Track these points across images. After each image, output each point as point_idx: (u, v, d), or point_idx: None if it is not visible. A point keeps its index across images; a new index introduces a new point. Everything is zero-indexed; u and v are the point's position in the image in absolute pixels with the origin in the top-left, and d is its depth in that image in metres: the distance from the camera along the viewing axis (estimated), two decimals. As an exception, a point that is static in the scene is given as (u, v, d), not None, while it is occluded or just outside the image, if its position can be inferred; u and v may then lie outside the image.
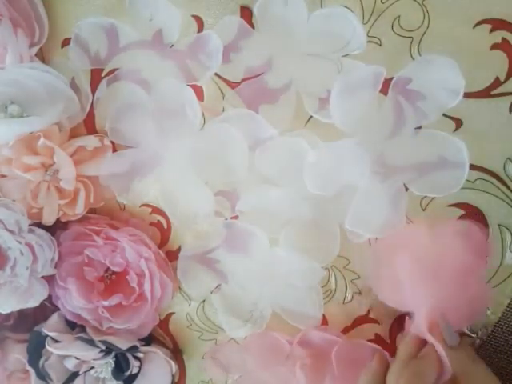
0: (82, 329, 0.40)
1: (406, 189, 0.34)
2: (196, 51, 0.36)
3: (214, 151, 0.36)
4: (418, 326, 0.32)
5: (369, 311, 0.38)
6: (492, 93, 0.32)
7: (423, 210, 0.35)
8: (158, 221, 0.40)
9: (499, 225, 0.34)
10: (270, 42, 0.35)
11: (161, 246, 0.41)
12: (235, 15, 0.35)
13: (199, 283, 0.40)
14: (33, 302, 0.38)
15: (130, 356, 0.40)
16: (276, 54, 0.35)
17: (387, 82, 0.33)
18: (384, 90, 0.33)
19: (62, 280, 0.39)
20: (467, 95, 0.32)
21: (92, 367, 0.40)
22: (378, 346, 0.37)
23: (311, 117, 0.35)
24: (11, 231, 0.36)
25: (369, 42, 0.33)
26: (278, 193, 0.36)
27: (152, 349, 0.41)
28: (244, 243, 0.38)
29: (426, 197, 0.35)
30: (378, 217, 0.34)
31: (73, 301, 0.39)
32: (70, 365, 0.40)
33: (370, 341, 0.38)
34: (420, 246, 0.33)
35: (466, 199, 0.34)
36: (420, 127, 0.33)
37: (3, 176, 0.38)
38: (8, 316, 0.42)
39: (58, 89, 0.36)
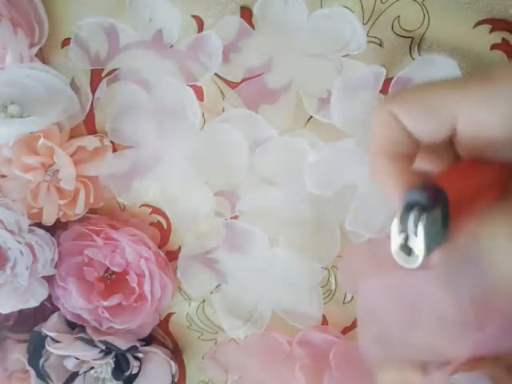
0: (82, 329, 0.40)
1: (406, 189, 0.34)
2: (196, 51, 0.36)
3: (214, 151, 0.36)
4: None
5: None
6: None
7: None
8: (158, 221, 0.40)
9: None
10: (270, 42, 0.35)
11: (161, 246, 0.41)
12: (235, 15, 0.35)
13: (199, 283, 0.40)
14: (33, 302, 0.38)
15: (129, 356, 0.40)
16: (276, 54, 0.35)
17: (387, 82, 0.33)
18: (384, 90, 0.33)
19: (62, 280, 0.39)
20: (467, 95, 0.32)
21: (92, 367, 0.40)
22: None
23: (311, 117, 0.35)
24: (11, 231, 0.36)
25: (369, 42, 0.33)
26: (278, 193, 0.36)
27: (152, 349, 0.41)
28: (244, 243, 0.38)
29: (425, 197, 0.34)
30: (378, 217, 0.34)
31: (73, 301, 0.39)
32: (70, 365, 0.40)
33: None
34: None
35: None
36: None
37: (3, 176, 0.38)
38: (8, 316, 0.42)
39: (58, 89, 0.36)
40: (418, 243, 0.21)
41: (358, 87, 0.33)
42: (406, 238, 0.21)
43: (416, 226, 0.21)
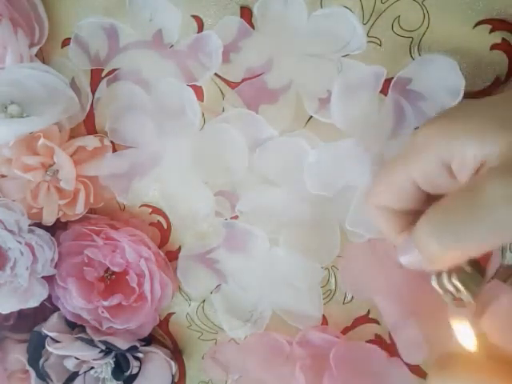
0: (82, 329, 0.40)
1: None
2: (196, 51, 0.36)
3: (214, 151, 0.36)
4: None
5: (369, 311, 0.38)
6: (492, 93, 0.32)
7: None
8: (158, 221, 0.40)
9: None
10: (270, 42, 0.35)
11: (161, 246, 0.41)
12: (235, 15, 0.35)
13: (199, 283, 0.40)
14: (33, 302, 0.38)
15: (129, 356, 0.40)
16: (276, 54, 0.35)
17: (387, 82, 0.33)
18: (384, 91, 0.33)
19: (62, 280, 0.39)
20: (467, 95, 0.32)
21: (92, 367, 0.40)
22: (375, 346, 0.37)
23: (311, 117, 0.35)
24: (11, 231, 0.36)
25: (369, 42, 0.33)
26: (277, 193, 0.36)
27: (152, 349, 0.41)
28: (244, 243, 0.38)
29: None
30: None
31: (73, 301, 0.39)
32: (70, 365, 0.40)
33: (370, 341, 0.38)
34: None
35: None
36: (420, 127, 0.33)
37: (3, 176, 0.38)
38: (8, 316, 0.42)
39: (58, 89, 0.36)
40: (463, 294, 0.25)
41: (358, 87, 0.33)
42: (452, 294, 0.26)
43: (451, 283, 0.25)
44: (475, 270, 0.26)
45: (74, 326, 0.41)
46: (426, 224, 0.24)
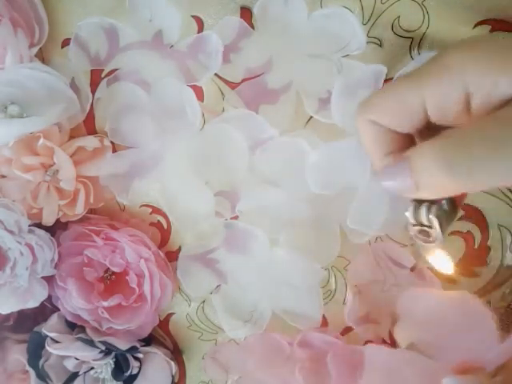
0: (82, 329, 0.40)
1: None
2: (196, 52, 0.36)
3: (214, 151, 0.36)
4: None
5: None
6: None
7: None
8: (158, 221, 0.40)
9: (499, 225, 0.34)
10: (270, 43, 0.35)
11: (161, 246, 0.41)
12: (235, 15, 0.35)
13: (199, 284, 0.40)
14: (33, 303, 0.38)
15: (129, 356, 0.40)
16: (276, 55, 0.35)
17: (387, 82, 0.33)
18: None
19: (62, 280, 0.39)
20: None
21: (92, 368, 0.40)
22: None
23: (311, 117, 0.35)
24: (11, 231, 0.36)
25: (369, 42, 0.33)
26: (278, 193, 0.36)
27: (152, 349, 0.41)
28: (244, 243, 0.38)
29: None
30: (379, 216, 0.34)
31: (72, 301, 0.39)
32: (70, 365, 0.40)
33: (370, 341, 0.38)
34: None
35: (465, 199, 0.34)
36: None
37: (3, 176, 0.38)
38: (8, 316, 0.42)
39: (58, 89, 0.36)
40: (435, 230, 0.24)
41: (358, 87, 0.33)
42: (421, 227, 0.25)
43: (428, 217, 0.24)
44: (451, 208, 0.25)
45: (74, 327, 0.41)
46: (437, 150, 0.21)
